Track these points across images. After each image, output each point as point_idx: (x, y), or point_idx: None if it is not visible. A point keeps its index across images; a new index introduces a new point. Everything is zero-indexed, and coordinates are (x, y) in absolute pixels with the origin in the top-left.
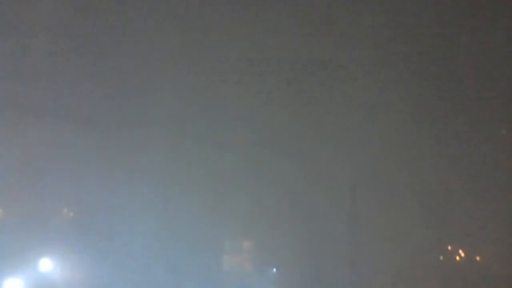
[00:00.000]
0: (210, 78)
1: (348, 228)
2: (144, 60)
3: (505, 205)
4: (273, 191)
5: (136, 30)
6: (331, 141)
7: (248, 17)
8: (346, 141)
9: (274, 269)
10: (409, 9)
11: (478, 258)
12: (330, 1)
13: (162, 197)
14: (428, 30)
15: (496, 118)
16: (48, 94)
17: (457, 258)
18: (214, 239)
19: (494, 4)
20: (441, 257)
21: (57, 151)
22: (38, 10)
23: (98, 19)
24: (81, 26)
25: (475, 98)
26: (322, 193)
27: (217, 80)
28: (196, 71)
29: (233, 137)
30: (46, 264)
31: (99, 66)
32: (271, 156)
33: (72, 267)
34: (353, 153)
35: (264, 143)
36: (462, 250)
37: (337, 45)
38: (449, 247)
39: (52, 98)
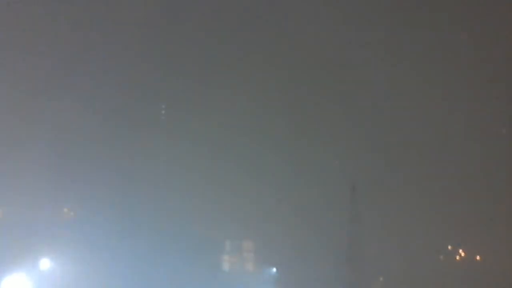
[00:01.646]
0: (211, 80)
1: (348, 228)
2: (143, 61)
3: (505, 205)
4: (273, 191)
5: (136, 34)
6: (331, 141)
7: (247, 18)
8: (346, 142)
9: (274, 269)
10: (410, 10)
11: (478, 258)
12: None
13: (162, 198)
14: (428, 31)
15: (496, 118)
16: (49, 96)
17: (457, 258)
18: (214, 239)
19: (494, 4)
20: (441, 257)
21: (57, 151)
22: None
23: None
24: (88, 33)
25: (475, 98)
26: (322, 194)
27: (218, 81)
28: (197, 72)
29: (233, 138)
30: (46, 264)
31: (100, 69)
32: (271, 157)
33: (72, 267)
34: (353, 153)
35: (264, 144)
36: (462, 250)
37: (337, 47)
38: (449, 247)
39: (54, 100)
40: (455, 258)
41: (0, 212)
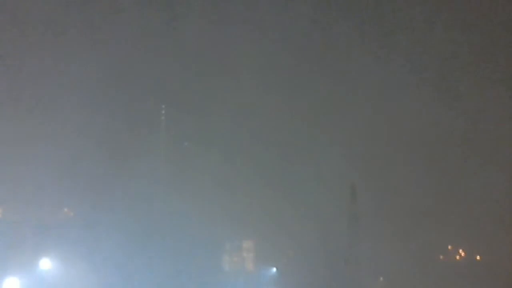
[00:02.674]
0: (211, 80)
1: (348, 228)
2: (144, 62)
3: (505, 205)
4: (274, 191)
5: (136, 34)
6: (331, 141)
7: (247, 18)
8: (346, 142)
9: (274, 269)
10: (410, 11)
11: (478, 258)
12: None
13: (162, 198)
14: (427, 31)
15: (496, 118)
16: (50, 96)
17: (457, 258)
18: (215, 239)
19: (494, 4)
20: (441, 257)
21: (57, 151)
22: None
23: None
24: (90, 30)
25: (475, 98)
26: (322, 193)
27: (219, 82)
28: (198, 72)
29: (233, 139)
30: (46, 264)
31: (100, 70)
32: (271, 157)
33: (72, 267)
34: (353, 153)
35: (263, 144)
36: (462, 250)
37: (337, 47)
38: (449, 247)
39: (54, 99)
40: (455, 258)
41: (0, 212)
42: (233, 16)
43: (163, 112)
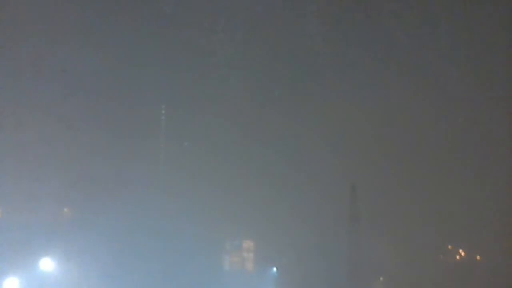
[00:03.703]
0: (211, 80)
1: (348, 228)
2: (144, 60)
3: (505, 205)
4: (274, 191)
5: (136, 34)
6: (331, 141)
7: (247, 18)
8: (346, 142)
9: (274, 269)
10: (409, 11)
11: (478, 258)
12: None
13: (162, 198)
14: (427, 31)
15: (496, 118)
16: (49, 95)
17: (457, 258)
18: (215, 239)
19: (494, 4)
20: (441, 257)
21: (57, 151)
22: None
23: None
24: (89, 30)
25: (475, 98)
26: (322, 193)
27: (219, 82)
28: (198, 72)
29: (233, 138)
30: (46, 264)
31: (99, 70)
32: (271, 157)
33: (73, 267)
34: (353, 153)
35: (263, 144)
36: (462, 250)
37: (337, 47)
38: (449, 247)
39: (54, 99)
40: (455, 258)
41: (0, 212)
42: (234, 15)
43: (163, 112)
